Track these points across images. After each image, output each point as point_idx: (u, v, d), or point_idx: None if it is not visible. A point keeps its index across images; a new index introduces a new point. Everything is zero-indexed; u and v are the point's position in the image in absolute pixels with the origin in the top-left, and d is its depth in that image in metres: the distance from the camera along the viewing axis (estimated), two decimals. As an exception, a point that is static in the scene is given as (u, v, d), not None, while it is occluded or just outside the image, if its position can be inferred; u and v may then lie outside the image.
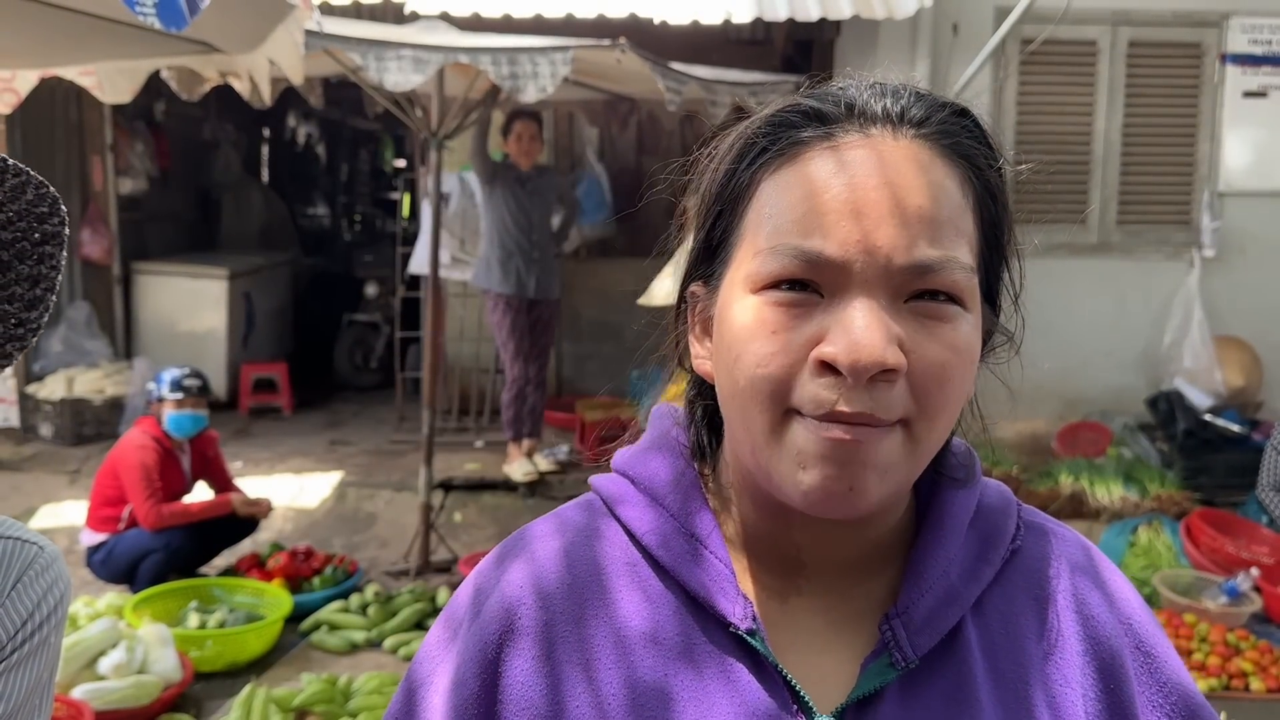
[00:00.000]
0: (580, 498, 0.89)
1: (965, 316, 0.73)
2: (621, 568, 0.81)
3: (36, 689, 1.05)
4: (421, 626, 4.28)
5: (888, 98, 0.75)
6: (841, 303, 0.70)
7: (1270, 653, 3.77)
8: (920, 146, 0.73)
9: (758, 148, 0.76)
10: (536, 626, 0.79)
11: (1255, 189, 6.14)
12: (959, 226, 0.73)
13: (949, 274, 0.71)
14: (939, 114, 0.75)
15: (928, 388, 0.71)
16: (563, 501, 3.97)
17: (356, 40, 4.10)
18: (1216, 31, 6.03)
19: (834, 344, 0.69)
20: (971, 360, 0.74)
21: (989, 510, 0.84)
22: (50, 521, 5.51)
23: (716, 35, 6.40)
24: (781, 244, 0.71)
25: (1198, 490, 5.35)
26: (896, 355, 0.69)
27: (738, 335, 0.73)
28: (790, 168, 0.74)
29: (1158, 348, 6.10)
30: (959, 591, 0.79)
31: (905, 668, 0.76)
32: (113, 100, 3.97)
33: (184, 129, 9.09)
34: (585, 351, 7.48)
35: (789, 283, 0.71)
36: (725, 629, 0.77)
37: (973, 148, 0.76)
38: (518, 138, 5.83)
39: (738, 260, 0.76)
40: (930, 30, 5.85)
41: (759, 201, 0.75)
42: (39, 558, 1.07)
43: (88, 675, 3.59)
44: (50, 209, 1.01)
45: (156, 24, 2.14)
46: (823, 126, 0.74)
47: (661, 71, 4.58)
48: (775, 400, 0.71)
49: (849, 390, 0.69)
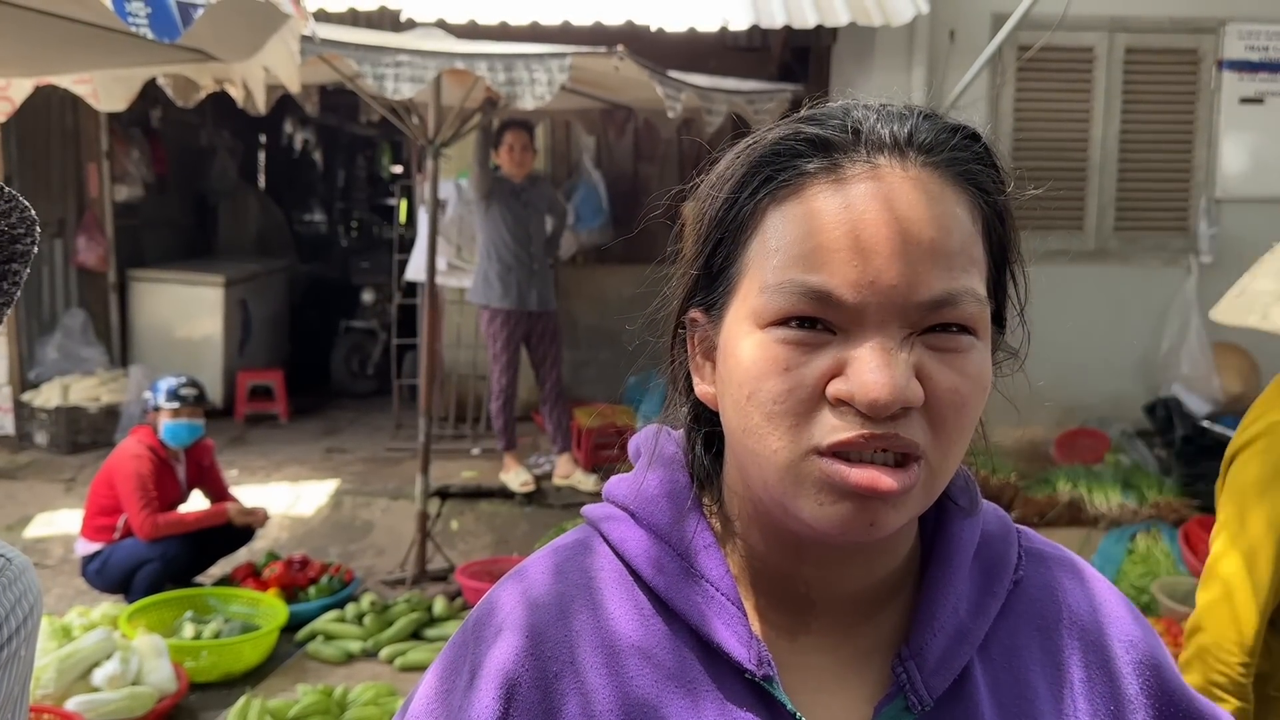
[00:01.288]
0: (574, 529, 0.88)
1: (978, 346, 0.72)
2: (620, 590, 0.79)
3: (8, 703, 1.03)
4: (418, 636, 4.27)
5: (895, 122, 0.73)
6: (856, 340, 0.69)
7: (1269, 661, 3.76)
8: (929, 175, 0.72)
9: (762, 176, 0.74)
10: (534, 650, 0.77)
11: (1252, 195, 6.14)
12: (971, 255, 0.72)
13: (964, 307, 0.70)
14: (948, 139, 0.73)
15: (944, 416, 0.70)
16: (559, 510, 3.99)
17: (353, 46, 4.10)
18: (1213, 38, 6.03)
19: (850, 381, 0.68)
20: (985, 388, 0.73)
21: (991, 539, 0.83)
22: (45, 530, 5.49)
23: (713, 43, 6.40)
24: (789, 281, 0.70)
25: (1196, 497, 5.33)
26: (915, 391, 0.68)
27: (748, 372, 0.71)
28: (796, 201, 0.72)
29: (1155, 354, 6.09)
30: (968, 629, 0.78)
31: (921, 711, 0.75)
32: (108, 108, 3.96)
33: (180, 136, 9.08)
34: (582, 358, 7.47)
35: (798, 320, 0.70)
36: (739, 674, 0.75)
37: (981, 173, 0.75)
38: (509, 148, 5.81)
39: (742, 293, 0.74)
40: (927, 37, 5.85)
41: (764, 234, 0.73)
42: (7, 569, 1.04)
43: (82, 686, 3.57)
44: (26, 230, 1.01)
45: (149, 35, 2.13)
46: (829, 157, 0.72)
47: (660, 79, 4.58)
48: (792, 438, 0.69)
49: (871, 421, 0.68)
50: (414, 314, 7.34)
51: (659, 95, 4.63)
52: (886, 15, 5.42)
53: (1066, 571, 0.85)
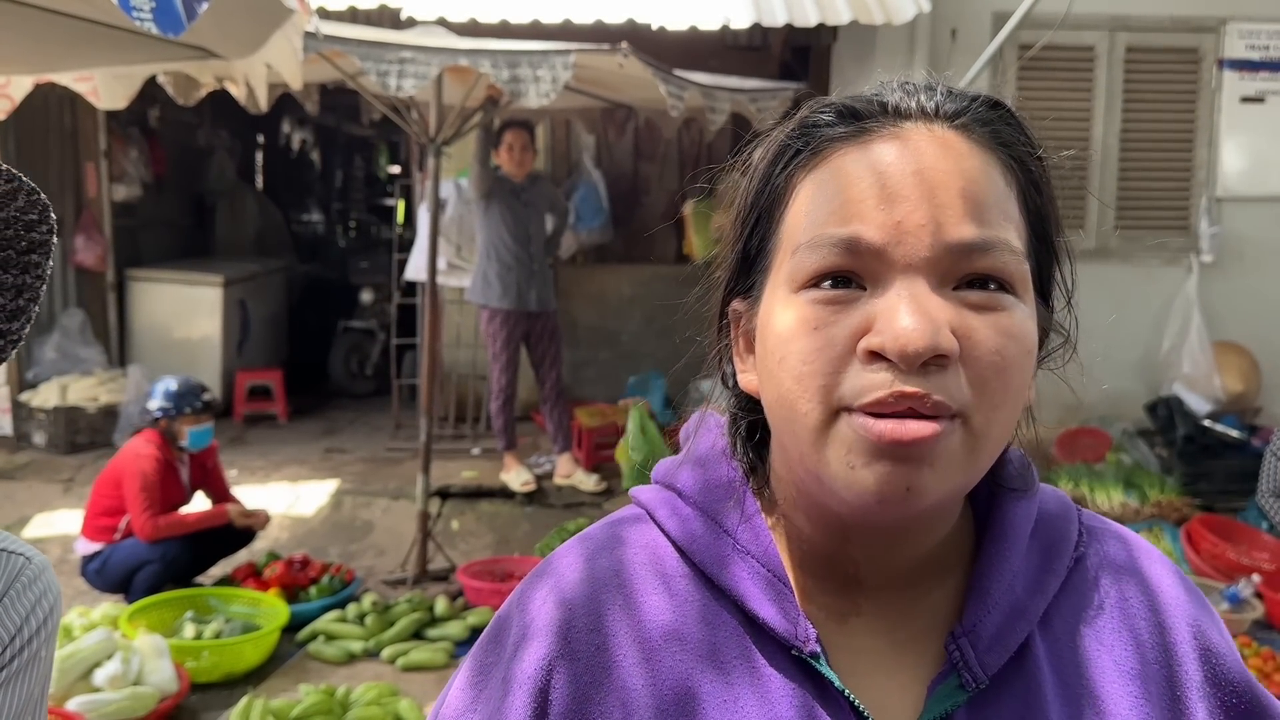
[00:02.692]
0: (606, 518, 0.86)
1: (1019, 305, 0.70)
2: (651, 577, 0.78)
3: (29, 705, 1.01)
4: (420, 636, 4.25)
5: (920, 93, 0.73)
6: (886, 290, 0.68)
7: (1273, 659, 3.76)
8: (957, 136, 0.72)
9: (791, 150, 0.74)
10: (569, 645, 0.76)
11: (1253, 194, 6.14)
12: (1004, 210, 0.71)
13: (998, 256, 0.68)
14: (973, 106, 0.73)
15: (985, 376, 0.67)
16: (560, 510, 3.98)
17: (356, 42, 4.08)
18: (1214, 37, 6.03)
19: (881, 332, 0.66)
20: (1029, 350, 0.70)
21: (1049, 518, 0.81)
22: (44, 531, 5.47)
23: (714, 41, 6.39)
24: (818, 235, 0.70)
25: (1197, 496, 5.34)
26: (949, 339, 0.66)
27: (780, 337, 0.70)
28: (823, 165, 0.72)
29: (1156, 353, 6.09)
30: (1025, 606, 0.76)
31: (975, 689, 0.73)
32: (109, 106, 3.95)
33: (178, 135, 9.06)
34: (582, 358, 7.46)
35: (830, 279, 0.69)
36: (785, 651, 0.74)
37: (1012, 136, 0.74)
38: (509, 147, 5.80)
39: (777, 265, 0.74)
40: (928, 36, 5.85)
41: (795, 204, 0.73)
42: (26, 569, 1.03)
43: (83, 687, 3.55)
44: (40, 216, 0.98)
45: (154, 30, 2.12)
46: (855, 122, 0.72)
47: (663, 77, 4.57)
48: (822, 398, 0.68)
49: (903, 375, 0.65)
50: (413, 314, 7.32)
51: (661, 94, 4.61)
52: (888, 14, 5.41)
53: (1129, 549, 0.83)
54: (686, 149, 8.04)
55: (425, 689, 3.83)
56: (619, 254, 7.84)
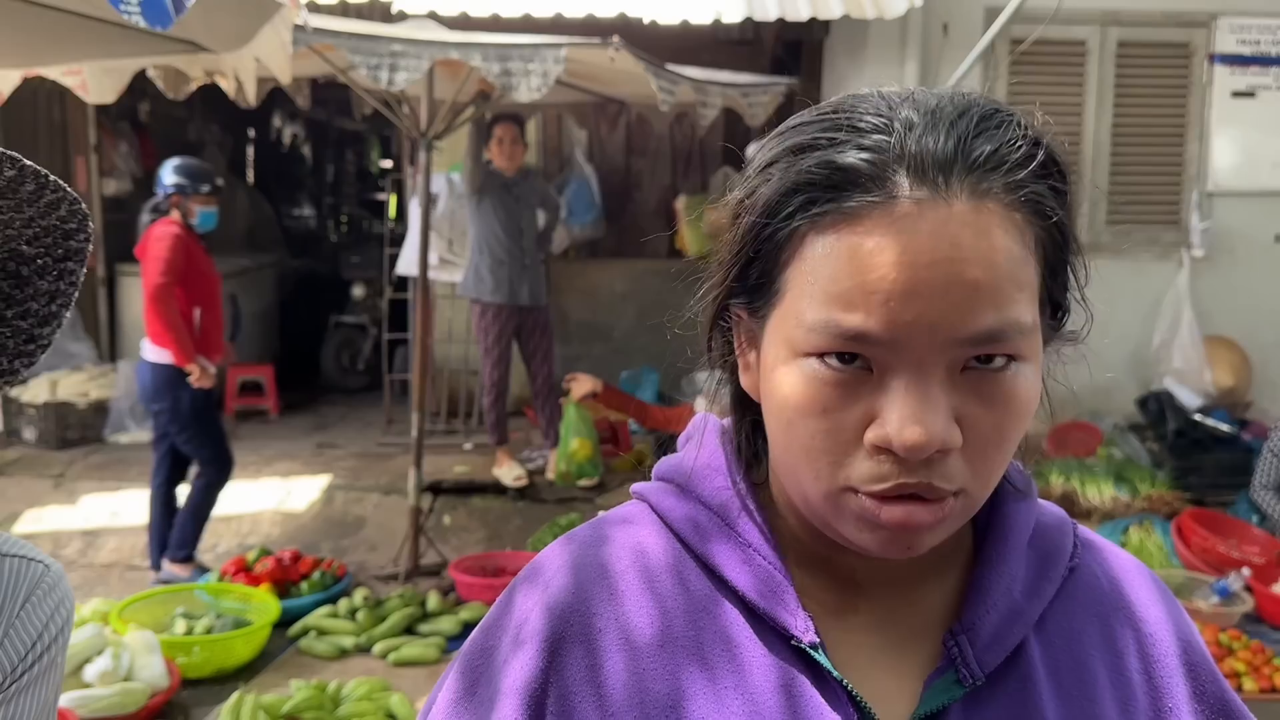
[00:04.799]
0: (593, 520, 0.87)
1: (1024, 369, 0.69)
2: (637, 577, 0.79)
3: (44, 711, 1.03)
4: (411, 631, 4.25)
5: (943, 133, 0.67)
6: (892, 381, 0.67)
7: (1262, 653, 3.77)
8: (978, 206, 0.66)
9: (799, 200, 0.69)
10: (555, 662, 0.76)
11: (1244, 189, 6.15)
12: (1019, 281, 0.67)
13: (1010, 339, 0.67)
14: (1008, 153, 0.68)
15: (986, 453, 0.69)
16: (552, 505, 3.97)
17: (346, 35, 4.07)
18: (1205, 32, 6.04)
19: (887, 427, 0.67)
20: (1031, 408, 0.71)
21: (1047, 529, 0.83)
22: (34, 527, 5.45)
23: (706, 35, 6.39)
24: (826, 322, 0.67)
25: (1188, 490, 5.35)
26: (954, 436, 0.67)
27: (786, 401, 0.70)
28: (834, 235, 0.68)
29: (1147, 348, 6.10)
30: (1022, 609, 0.77)
31: (972, 685, 0.74)
32: (97, 100, 3.93)
33: (169, 130, 9.02)
34: (574, 353, 7.45)
35: (837, 355, 0.68)
36: (784, 641, 0.75)
37: (1041, 192, 0.69)
38: (500, 141, 5.79)
39: (782, 313, 0.71)
40: (920, 30, 5.85)
41: (802, 260, 0.69)
42: (45, 576, 1.04)
43: (73, 683, 3.54)
44: (79, 225, 0.98)
45: (141, 23, 2.11)
46: (869, 192, 0.67)
47: (655, 71, 4.56)
48: (831, 474, 0.70)
49: (906, 467, 0.67)
50: (404, 309, 7.31)
51: (653, 88, 4.61)
52: (880, 8, 5.41)
53: (1120, 564, 0.85)
54: (679, 144, 8.04)
55: (417, 684, 3.83)
56: (611, 249, 7.84)
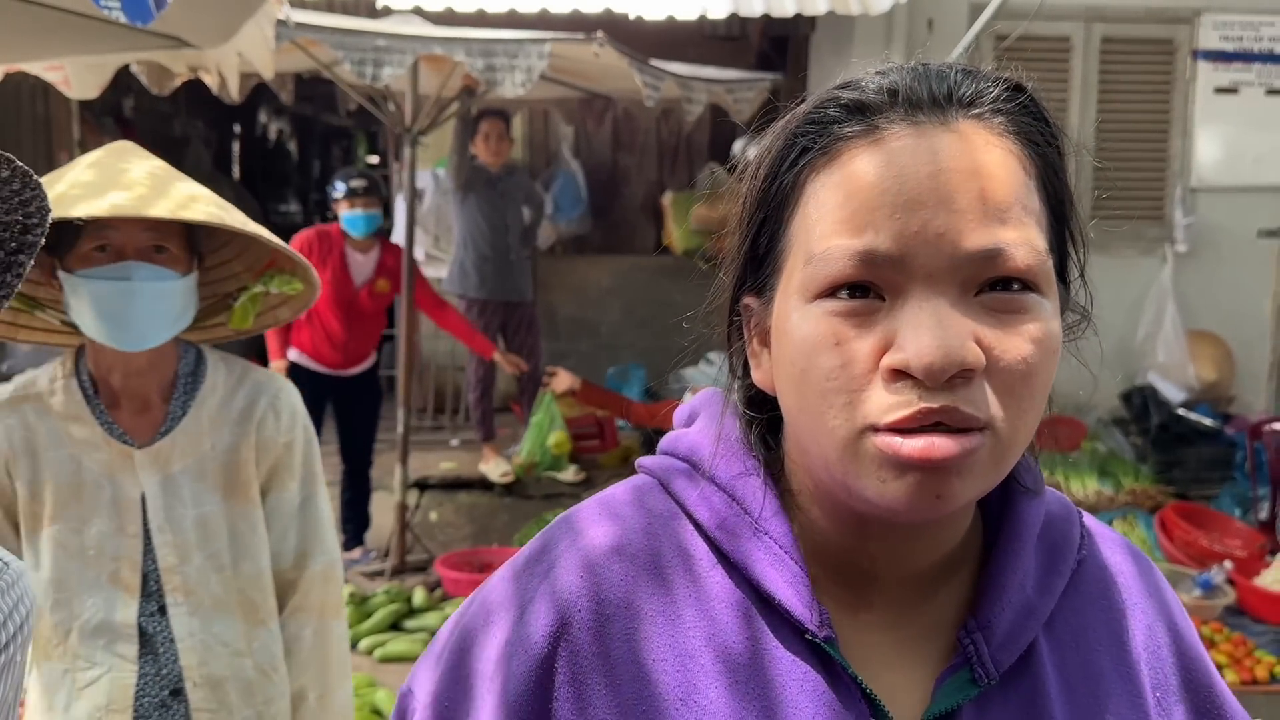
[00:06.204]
0: (628, 481, 0.83)
1: (1044, 304, 0.67)
2: (678, 561, 0.77)
3: (1, 709, 1.01)
4: (398, 627, 4.25)
5: (933, 79, 0.69)
6: (906, 303, 0.65)
7: (1244, 645, 3.80)
8: (974, 128, 0.68)
9: (798, 148, 0.71)
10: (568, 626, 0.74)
11: (1227, 184, 6.18)
12: (1026, 205, 0.67)
13: (1022, 258, 0.65)
14: (990, 90, 0.70)
15: (1012, 385, 0.66)
16: (538, 501, 3.94)
17: (330, 30, 4.06)
18: (1188, 28, 6.07)
19: (903, 349, 0.64)
20: (1055, 350, 0.69)
21: (1054, 520, 0.81)
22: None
23: (692, 31, 6.38)
24: (833, 247, 0.66)
25: (1171, 484, 5.38)
26: (974, 352, 0.64)
27: (799, 348, 0.68)
28: (835, 166, 0.68)
29: (1131, 342, 6.13)
30: (1035, 605, 0.76)
31: (987, 683, 0.73)
32: (80, 96, 3.91)
33: (154, 125, 8.98)
34: (561, 349, 7.45)
35: (848, 288, 0.66)
36: (798, 635, 0.73)
37: (1029, 124, 0.71)
38: (485, 137, 5.78)
39: (789, 269, 0.71)
40: (905, 26, 5.86)
41: (805, 206, 0.70)
42: (4, 574, 1.02)
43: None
44: (39, 221, 0.97)
45: (122, 18, 2.10)
46: (865, 119, 0.68)
47: (639, 67, 4.56)
48: (848, 415, 0.66)
49: (928, 391, 0.64)
50: (391, 304, 7.29)
51: (638, 84, 4.61)
52: (865, 4, 5.41)
53: (1125, 554, 0.84)
54: (665, 139, 8.04)
55: (403, 680, 3.81)
56: (598, 244, 7.84)
